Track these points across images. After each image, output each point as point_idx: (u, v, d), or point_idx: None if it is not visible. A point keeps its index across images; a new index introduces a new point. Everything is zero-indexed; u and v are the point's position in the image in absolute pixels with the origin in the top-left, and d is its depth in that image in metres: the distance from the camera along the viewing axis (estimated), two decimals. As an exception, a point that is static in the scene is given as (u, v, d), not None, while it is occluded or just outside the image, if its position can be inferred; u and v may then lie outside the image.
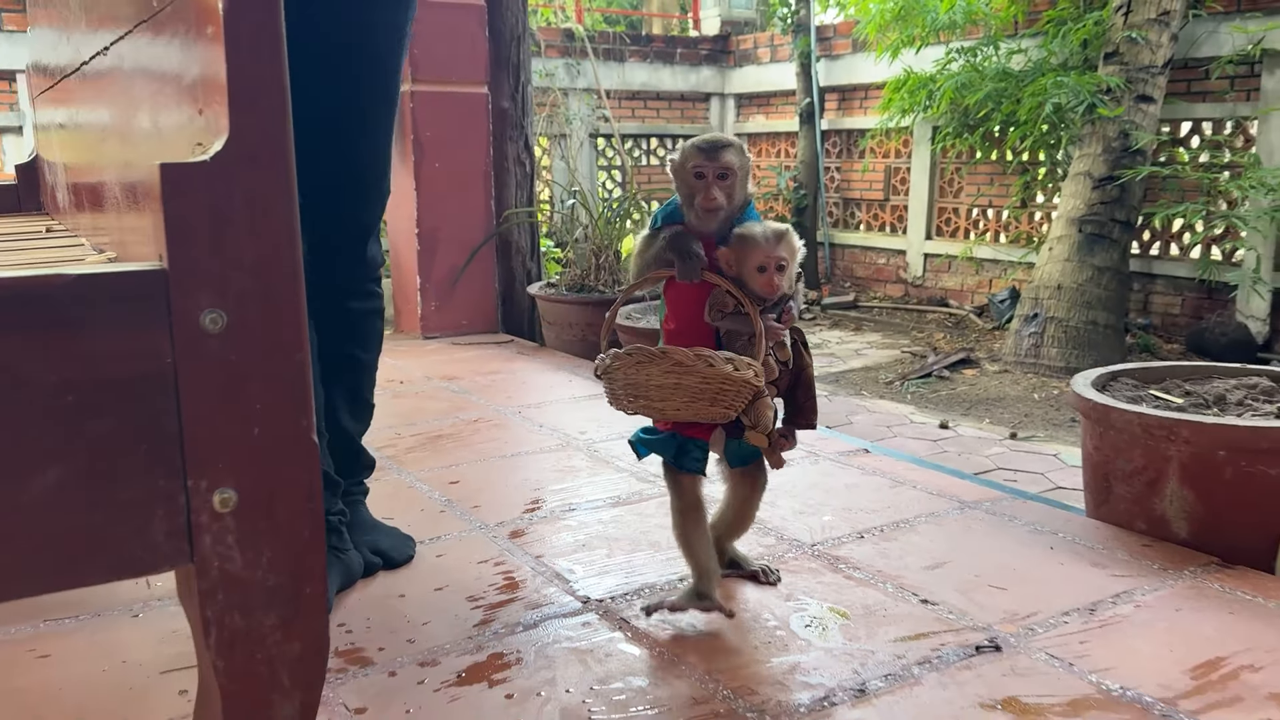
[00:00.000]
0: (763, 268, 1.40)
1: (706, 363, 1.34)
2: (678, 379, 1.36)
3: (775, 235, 1.42)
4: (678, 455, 1.48)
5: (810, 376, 1.51)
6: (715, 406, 1.38)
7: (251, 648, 0.85)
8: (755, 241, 1.41)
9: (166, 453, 0.79)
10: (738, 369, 1.35)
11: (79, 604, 1.61)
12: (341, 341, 1.70)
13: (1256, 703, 1.28)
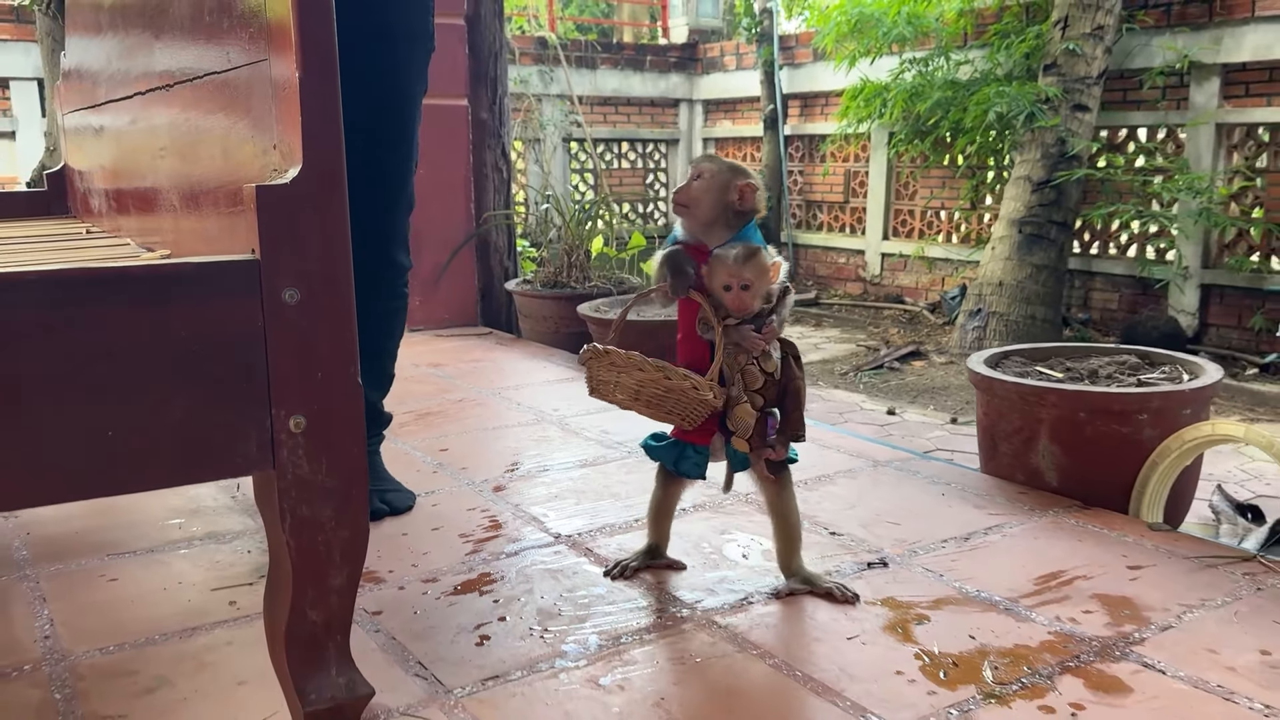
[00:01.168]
0: (727, 286, 1.51)
1: (665, 375, 1.50)
2: (637, 386, 1.52)
3: (742, 256, 1.50)
4: (677, 460, 1.62)
5: (799, 388, 1.58)
6: (673, 415, 1.55)
7: (314, 532, 1.19)
8: (723, 260, 1.51)
9: (258, 390, 1.13)
10: (696, 387, 1.50)
11: (135, 542, 1.94)
12: (371, 334, 1.89)
13: (1081, 600, 1.64)
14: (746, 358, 1.53)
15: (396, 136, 1.95)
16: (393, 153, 1.95)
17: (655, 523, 1.76)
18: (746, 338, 1.52)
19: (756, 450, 1.56)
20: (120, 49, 2.04)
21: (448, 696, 1.37)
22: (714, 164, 1.57)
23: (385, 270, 2.01)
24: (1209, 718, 1.30)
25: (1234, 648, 1.48)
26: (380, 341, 2.07)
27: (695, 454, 1.61)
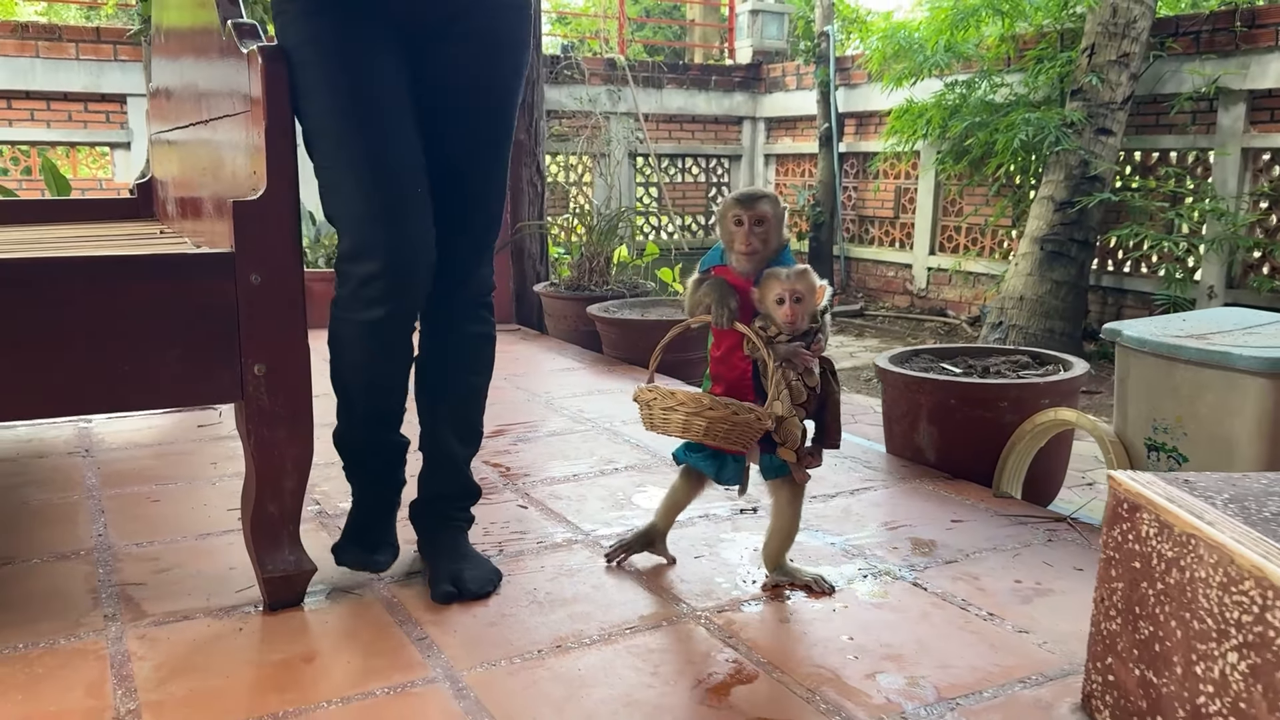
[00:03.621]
0: (780, 299, 1.59)
1: (733, 411, 1.59)
2: (707, 424, 1.60)
3: (794, 273, 1.61)
4: (719, 471, 1.72)
5: (836, 401, 1.69)
6: (732, 443, 1.63)
7: (271, 447, 1.68)
8: (775, 276, 1.61)
9: (232, 343, 1.62)
10: (760, 419, 1.61)
11: (179, 477, 2.47)
12: (455, 366, 1.84)
13: (897, 541, 2.04)
14: (794, 374, 1.63)
15: (493, 147, 1.78)
16: (490, 163, 1.78)
17: (665, 513, 1.87)
18: (797, 354, 1.62)
19: (801, 459, 1.68)
20: (182, 80, 2.58)
21: (379, 581, 1.85)
22: (771, 205, 1.65)
23: (471, 287, 1.82)
24: (940, 618, 1.69)
25: (994, 577, 1.86)
26: (466, 378, 1.86)
27: (735, 464, 1.72)
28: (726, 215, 1.65)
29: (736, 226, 1.63)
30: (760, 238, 1.63)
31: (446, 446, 1.85)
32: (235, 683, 1.48)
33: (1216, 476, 1.35)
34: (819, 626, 1.66)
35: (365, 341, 1.71)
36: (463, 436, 1.87)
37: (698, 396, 1.60)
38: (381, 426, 1.84)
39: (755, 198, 1.64)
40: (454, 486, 1.88)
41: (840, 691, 1.45)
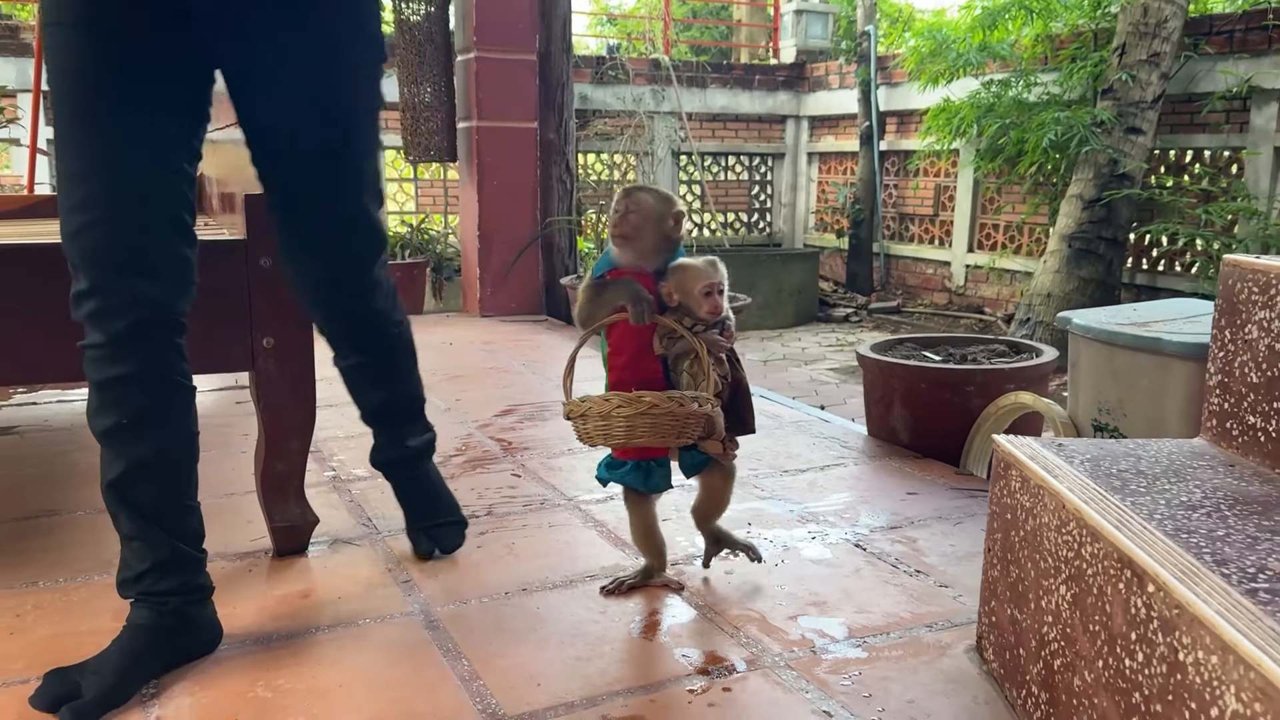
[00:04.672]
0: (708, 292, 1.58)
1: (678, 403, 1.56)
2: (654, 420, 1.55)
3: (711, 263, 1.61)
4: (646, 480, 1.68)
5: (745, 385, 1.69)
6: (681, 437, 1.60)
7: (278, 414, 1.91)
8: (698, 269, 1.60)
9: (244, 319, 1.86)
10: (701, 405, 1.57)
11: (209, 444, 2.73)
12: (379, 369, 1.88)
13: (850, 509, 2.21)
14: (712, 362, 1.61)
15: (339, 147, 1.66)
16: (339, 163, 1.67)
17: (646, 543, 1.80)
18: (714, 341, 1.61)
19: (726, 448, 1.68)
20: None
21: (377, 535, 2.08)
22: (648, 196, 1.63)
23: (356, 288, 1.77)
24: (870, 574, 1.87)
25: (932, 542, 2.03)
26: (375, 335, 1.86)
27: (660, 467, 1.68)
28: (613, 205, 1.65)
29: (615, 213, 1.64)
30: (633, 225, 1.60)
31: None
32: (240, 611, 1.72)
33: (1091, 441, 1.51)
34: (757, 579, 1.85)
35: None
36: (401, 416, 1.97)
37: (637, 396, 1.56)
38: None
39: (639, 189, 1.64)
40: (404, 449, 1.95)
41: (762, 629, 1.64)
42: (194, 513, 1.58)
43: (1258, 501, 1.25)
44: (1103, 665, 1.13)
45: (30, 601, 1.75)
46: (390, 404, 1.91)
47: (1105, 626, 1.12)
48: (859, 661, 1.54)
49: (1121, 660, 1.08)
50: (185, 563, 1.54)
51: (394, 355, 1.87)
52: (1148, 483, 1.31)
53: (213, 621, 1.59)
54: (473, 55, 4.86)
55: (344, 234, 1.70)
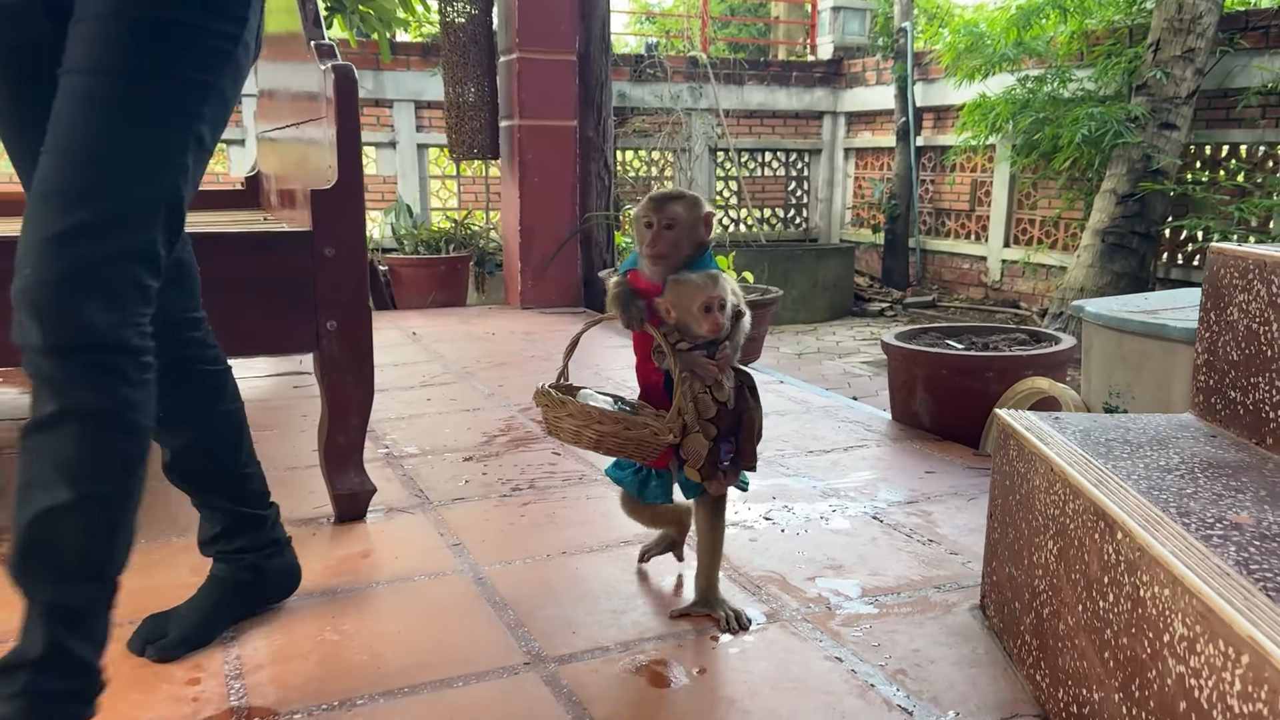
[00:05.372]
0: (708, 307, 1.46)
1: (624, 426, 1.49)
2: (597, 437, 1.51)
3: (711, 277, 1.49)
4: (641, 488, 1.65)
5: (752, 419, 1.58)
6: (632, 456, 1.55)
7: (340, 390, 2.08)
8: (695, 284, 1.47)
9: (311, 304, 2.03)
10: (657, 434, 1.50)
11: (271, 424, 2.91)
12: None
13: (869, 485, 2.34)
14: (700, 385, 1.51)
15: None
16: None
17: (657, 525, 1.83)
18: (699, 364, 1.49)
19: (708, 480, 1.56)
20: (281, 84, 3.01)
21: (429, 505, 2.24)
22: (679, 207, 1.50)
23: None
24: (885, 542, 2.00)
25: (946, 515, 2.16)
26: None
27: (658, 480, 1.64)
28: (638, 217, 1.51)
29: (646, 228, 1.50)
30: (669, 241, 1.48)
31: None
32: (307, 568, 1.89)
33: (1087, 415, 1.64)
34: (780, 545, 1.99)
35: None
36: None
37: (586, 409, 1.50)
38: None
39: (669, 198, 1.50)
40: (35, 653, 1.18)
41: (781, 588, 1.79)
42: (251, 478, 1.67)
43: (1230, 466, 1.38)
44: (1082, 609, 1.26)
45: (118, 558, 1.93)
46: (55, 526, 1.19)
47: (1084, 574, 1.25)
48: (870, 616, 1.68)
49: (1096, 602, 1.21)
50: (250, 522, 1.67)
51: (97, 426, 1.21)
52: (1131, 450, 1.44)
53: (288, 569, 1.73)
54: (515, 56, 5.03)
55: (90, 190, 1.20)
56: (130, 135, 1.22)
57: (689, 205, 1.51)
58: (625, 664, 1.52)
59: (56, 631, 1.18)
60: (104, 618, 1.24)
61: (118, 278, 1.20)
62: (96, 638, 1.23)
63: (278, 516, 1.74)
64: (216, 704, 1.41)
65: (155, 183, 1.24)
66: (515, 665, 1.52)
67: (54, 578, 1.19)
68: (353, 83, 2.02)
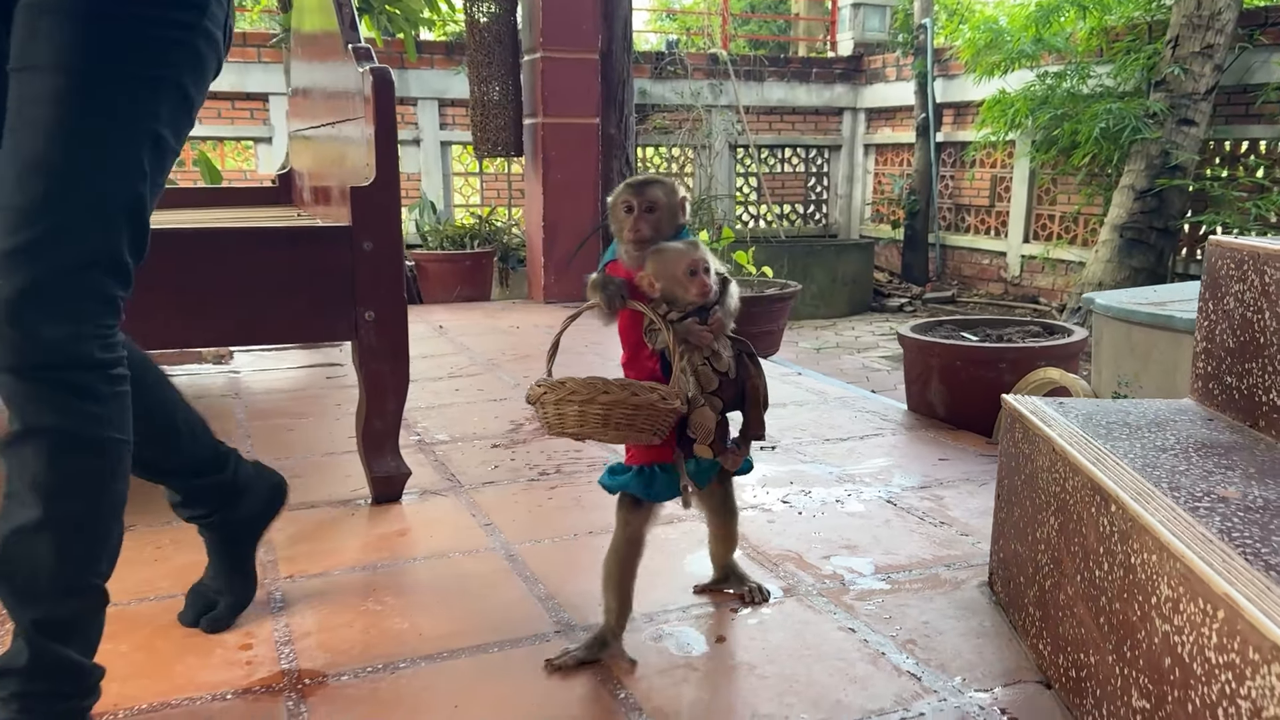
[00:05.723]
0: (693, 271, 1.42)
1: (632, 392, 1.38)
2: (605, 411, 1.39)
3: (691, 243, 1.46)
4: (649, 486, 1.52)
5: (756, 388, 1.51)
6: (644, 432, 1.42)
7: (378, 377, 2.19)
8: (676, 249, 1.44)
9: (349, 295, 2.13)
10: (664, 399, 1.39)
11: (309, 415, 3.02)
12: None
13: (884, 471, 2.42)
14: (699, 357, 1.45)
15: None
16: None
17: (619, 573, 1.58)
18: (692, 331, 1.44)
19: (720, 454, 1.49)
20: (315, 82, 3.12)
21: (461, 489, 2.34)
22: (659, 191, 1.48)
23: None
24: (899, 524, 2.08)
25: (958, 499, 2.24)
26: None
27: (664, 474, 1.52)
28: (617, 202, 1.49)
29: (626, 213, 1.47)
30: (651, 224, 1.46)
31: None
32: (345, 545, 1.99)
33: (1090, 400, 1.72)
34: (797, 527, 2.08)
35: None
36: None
37: (591, 381, 1.40)
38: None
39: (647, 183, 1.48)
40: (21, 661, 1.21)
41: (798, 565, 1.88)
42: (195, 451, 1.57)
43: (1222, 446, 1.46)
44: (1080, 579, 1.34)
45: (167, 537, 2.04)
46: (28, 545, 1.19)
47: (1082, 546, 1.34)
48: (882, 592, 1.77)
49: (1093, 571, 1.30)
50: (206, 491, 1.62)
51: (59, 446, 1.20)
52: (1130, 432, 1.52)
53: (269, 490, 1.72)
54: (539, 55, 5.13)
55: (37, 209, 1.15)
56: (82, 140, 1.17)
57: (667, 189, 1.49)
58: (649, 633, 1.62)
59: (40, 643, 1.19)
60: (91, 620, 1.26)
61: (76, 291, 1.17)
62: (87, 637, 1.25)
63: (237, 461, 1.65)
64: (269, 667, 1.51)
65: (112, 189, 1.19)
66: (546, 633, 1.62)
67: (33, 597, 1.19)
68: (390, 84, 2.11)
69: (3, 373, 1.16)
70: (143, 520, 2.12)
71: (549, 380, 1.45)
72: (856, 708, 1.39)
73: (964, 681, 1.46)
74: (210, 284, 2.05)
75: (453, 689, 1.45)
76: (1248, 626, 0.93)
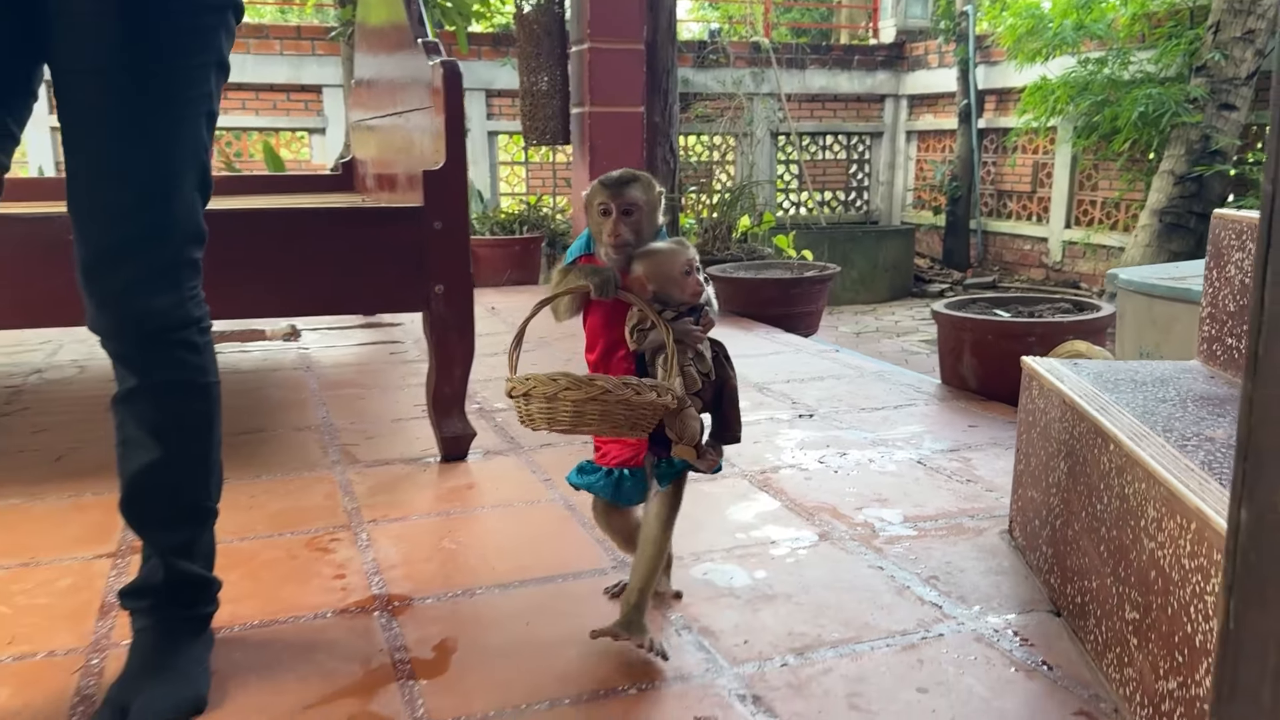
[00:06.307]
0: (687, 270, 1.40)
1: (634, 390, 1.32)
2: (603, 407, 1.33)
3: (680, 242, 1.43)
4: (615, 490, 1.49)
5: (733, 389, 1.50)
6: (634, 429, 1.37)
7: (446, 346, 2.39)
8: (669, 250, 1.42)
9: (421, 269, 2.33)
10: (660, 395, 1.35)
11: (373, 384, 3.23)
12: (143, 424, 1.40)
13: (917, 437, 2.58)
14: (684, 358, 1.42)
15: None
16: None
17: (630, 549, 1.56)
18: (687, 330, 1.41)
19: (701, 456, 1.45)
20: (380, 74, 3.32)
21: (521, 449, 2.54)
22: (643, 190, 1.43)
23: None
24: (928, 481, 2.24)
25: (985, 460, 2.40)
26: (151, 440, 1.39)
27: (633, 478, 1.49)
28: (593, 202, 1.43)
29: (604, 216, 1.42)
30: (631, 227, 1.41)
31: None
32: (419, 497, 2.19)
33: (1103, 361, 1.87)
34: (832, 483, 2.25)
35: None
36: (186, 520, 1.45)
37: (588, 379, 1.32)
38: None
39: (624, 181, 1.42)
40: (158, 578, 1.41)
41: (833, 515, 2.05)
42: None
43: (1218, 399, 1.60)
44: (1085, 514, 1.50)
45: (260, 488, 2.26)
46: (156, 481, 1.39)
47: (1086, 484, 1.50)
48: (909, 537, 1.93)
49: (1095, 506, 1.46)
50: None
51: (173, 395, 1.39)
52: (1135, 387, 1.67)
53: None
54: (586, 46, 5.30)
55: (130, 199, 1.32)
56: (158, 135, 1.32)
57: (645, 187, 1.44)
58: (696, 569, 1.80)
59: (172, 562, 1.41)
60: (208, 539, 1.47)
61: (174, 266, 1.35)
62: (206, 554, 1.47)
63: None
64: (361, 592, 1.71)
65: (188, 170, 1.35)
66: (604, 568, 1.80)
67: (162, 524, 1.42)
68: (458, 77, 2.30)
69: (123, 342, 1.36)
70: (236, 475, 2.33)
71: (538, 375, 1.35)
72: (882, 628, 1.56)
73: (981, 610, 1.63)
74: (307, 258, 2.26)
75: (524, 610, 1.64)
76: (1214, 534, 1.09)
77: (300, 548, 1.91)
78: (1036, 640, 1.53)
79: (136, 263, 1.33)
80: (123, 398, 1.39)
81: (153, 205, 1.33)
